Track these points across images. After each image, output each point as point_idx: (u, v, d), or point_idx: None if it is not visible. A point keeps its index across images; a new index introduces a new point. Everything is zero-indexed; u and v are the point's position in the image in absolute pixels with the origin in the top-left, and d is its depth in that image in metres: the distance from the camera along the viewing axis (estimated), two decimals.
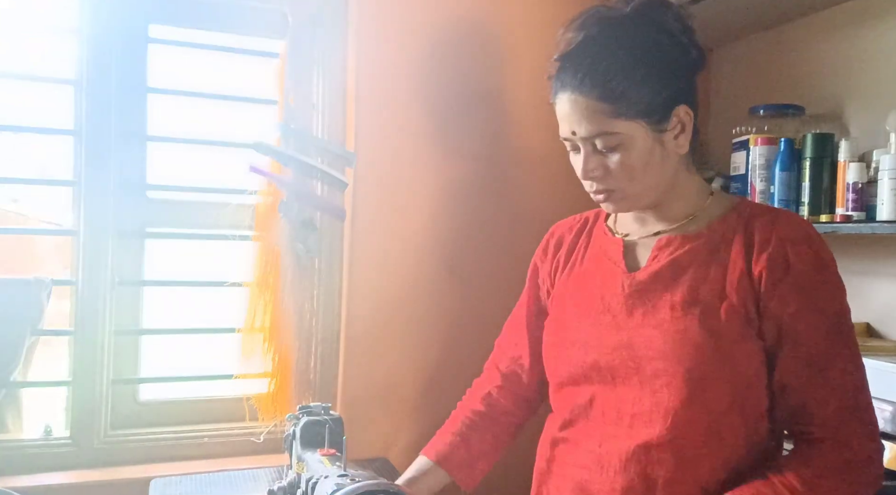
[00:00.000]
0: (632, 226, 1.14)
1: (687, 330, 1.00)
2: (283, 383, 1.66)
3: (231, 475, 1.54)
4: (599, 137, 1.02)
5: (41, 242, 1.78)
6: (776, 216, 1.03)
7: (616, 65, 1.00)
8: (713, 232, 1.05)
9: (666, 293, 1.04)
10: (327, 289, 1.75)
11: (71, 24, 1.60)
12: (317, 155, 1.67)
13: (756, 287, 1.00)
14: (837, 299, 1.00)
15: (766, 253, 1.00)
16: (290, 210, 1.63)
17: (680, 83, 1.03)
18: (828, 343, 0.98)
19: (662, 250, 1.07)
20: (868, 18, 1.61)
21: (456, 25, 1.81)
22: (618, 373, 1.05)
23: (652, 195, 1.07)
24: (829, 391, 0.98)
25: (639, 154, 1.02)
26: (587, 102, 1.01)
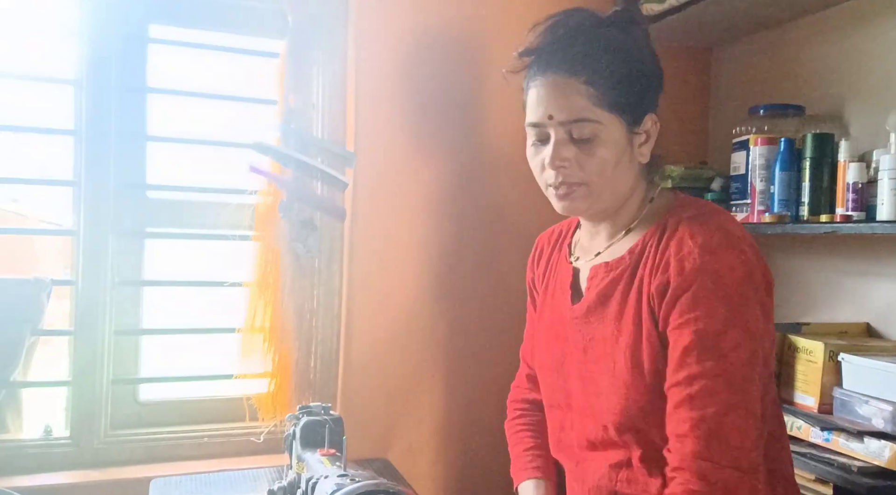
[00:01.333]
0: (584, 243, 1.16)
1: (616, 367, 1.01)
2: (283, 383, 1.66)
3: (231, 475, 1.54)
4: (577, 123, 0.99)
5: (41, 242, 1.78)
6: (678, 229, 1.00)
7: (606, 56, 0.99)
8: (633, 255, 1.04)
9: (599, 326, 1.05)
10: (327, 289, 1.75)
11: (71, 24, 1.60)
12: (317, 155, 1.67)
13: (655, 309, 0.99)
14: (717, 317, 0.93)
15: (659, 273, 0.98)
16: (290, 210, 1.63)
17: (654, 92, 1.05)
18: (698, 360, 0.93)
19: (592, 281, 1.08)
20: (868, 18, 1.61)
21: (456, 25, 1.81)
22: (577, 404, 1.10)
23: (612, 199, 1.05)
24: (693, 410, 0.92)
25: (613, 149, 1.00)
26: (573, 84, 0.98)
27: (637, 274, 1.02)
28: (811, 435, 1.36)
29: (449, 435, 1.82)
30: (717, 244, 0.96)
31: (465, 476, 1.83)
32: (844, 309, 1.65)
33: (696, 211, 1.03)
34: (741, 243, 0.98)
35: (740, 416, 0.91)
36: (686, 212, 1.03)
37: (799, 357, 1.49)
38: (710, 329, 0.93)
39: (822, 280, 1.71)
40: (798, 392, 1.48)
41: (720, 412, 0.91)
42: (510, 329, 1.86)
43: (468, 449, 1.84)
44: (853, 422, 1.34)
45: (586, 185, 1.02)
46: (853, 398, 1.36)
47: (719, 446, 0.90)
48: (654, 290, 0.98)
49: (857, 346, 1.44)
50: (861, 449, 1.27)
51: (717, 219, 1.01)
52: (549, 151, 1.01)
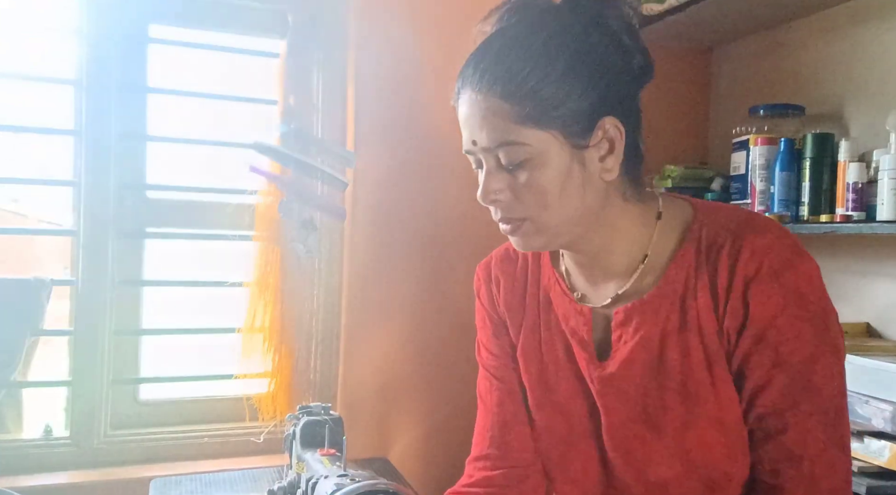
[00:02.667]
0: (579, 279, 0.93)
1: (686, 427, 0.84)
2: (283, 383, 1.66)
3: (231, 475, 1.54)
4: (502, 148, 0.81)
5: (41, 242, 1.78)
6: (737, 243, 0.82)
7: (528, 57, 0.80)
8: (673, 283, 0.85)
9: (644, 381, 0.86)
10: (327, 289, 1.75)
11: (71, 24, 1.60)
12: (317, 155, 1.67)
13: (726, 347, 0.83)
14: (804, 341, 0.80)
15: (730, 303, 0.82)
16: (290, 210, 1.63)
17: (611, 91, 0.82)
18: (786, 399, 0.80)
19: (625, 327, 0.87)
20: (868, 18, 1.61)
21: (457, 25, 1.81)
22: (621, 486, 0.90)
23: (571, 230, 0.85)
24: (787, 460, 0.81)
25: (553, 174, 0.80)
26: (488, 102, 0.80)
27: (688, 306, 0.84)
28: None
29: (448, 435, 1.82)
30: (791, 254, 0.81)
31: None
32: (844, 309, 1.65)
33: (736, 217, 0.86)
34: (803, 247, 0.84)
35: (832, 454, 0.81)
36: (724, 219, 0.85)
37: None
38: (800, 360, 0.80)
39: None
40: None
41: (815, 456, 0.80)
42: None
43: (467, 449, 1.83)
44: (853, 422, 1.33)
45: (531, 221, 0.83)
46: (853, 398, 1.36)
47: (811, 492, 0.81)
48: (731, 326, 0.82)
49: (857, 346, 1.43)
50: (861, 449, 1.27)
51: (770, 224, 0.86)
52: (480, 183, 0.85)
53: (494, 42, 0.84)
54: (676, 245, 0.86)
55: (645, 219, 0.88)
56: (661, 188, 1.85)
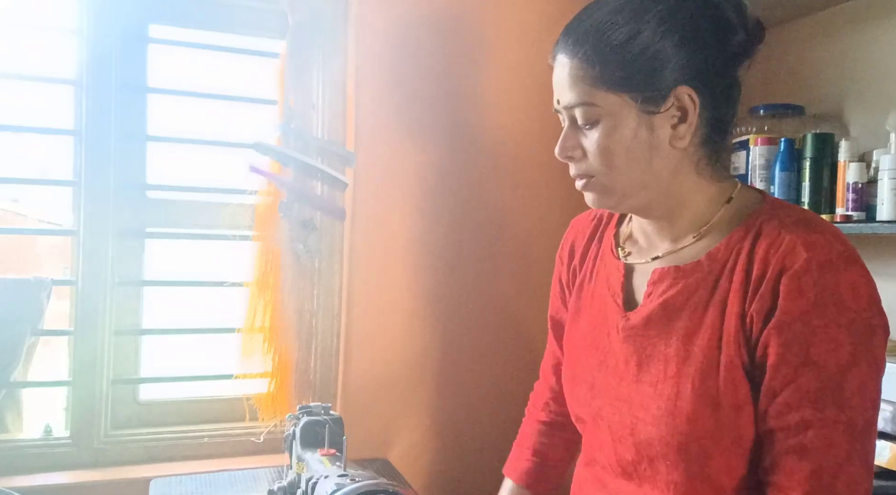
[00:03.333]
0: (636, 241, 0.99)
1: (679, 396, 0.85)
2: (283, 383, 1.66)
3: (231, 475, 1.54)
4: (579, 108, 0.86)
5: (41, 242, 1.78)
6: (783, 236, 0.82)
7: (613, 23, 0.85)
8: (713, 261, 0.87)
9: (660, 342, 0.89)
10: (327, 289, 1.75)
11: (71, 24, 1.60)
12: (317, 155, 1.67)
13: (748, 333, 0.83)
14: (841, 348, 0.78)
15: (760, 290, 0.82)
16: (290, 210, 1.63)
17: (696, 60, 0.84)
18: (813, 404, 0.79)
19: (656, 286, 0.91)
20: (868, 18, 1.61)
21: (457, 25, 1.81)
22: (617, 431, 0.93)
23: (639, 194, 0.89)
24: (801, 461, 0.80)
25: (620, 136, 0.85)
26: (571, 64, 0.86)
27: (720, 286, 0.85)
28: None
29: (449, 436, 1.82)
30: (839, 259, 0.80)
31: (464, 476, 1.83)
32: None
33: (800, 215, 0.85)
34: (860, 258, 0.83)
35: (855, 469, 0.80)
36: (786, 215, 0.85)
37: None
38: (833, 366, 0.78)
39: None
40: None
41: (835, 465, 0.79)
42: (510, 328, 1.86)
43: (468, 449, 1.84)
44: None
45: (598, 179, 0.88)
46: None
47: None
48: (756, 312, 0.82)
49: None
50: None
51: (829, 227, 0.85)
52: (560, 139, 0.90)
53: (589, 8, 0.89)
54: (733, 230, 0.88)
55: (715, 200, 0.90)
56: None
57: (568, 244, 1.11)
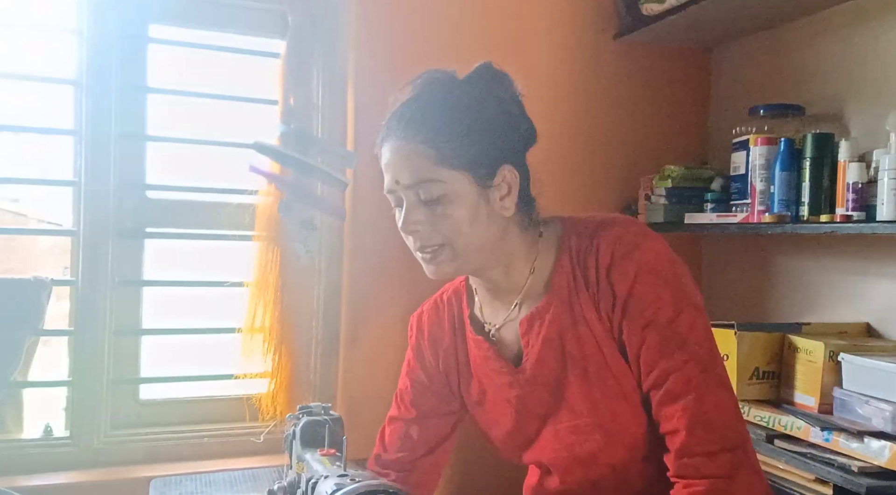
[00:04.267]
0: (491, 308, 1.11)
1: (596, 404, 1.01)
2: (283, 383, 1.66)
3: (231, 475, 1.54)
4: (423, 185, 0.98)
5: (41, 242, 1.78)
6: (597, 243, 1.01)
7: (442, 115, 0.99)
8: (558, 288, 1.03)
9: (559, 373, 1.04)
10: (327, 289, 1.75)
11: (71, 24, 1.60)
12: (317, 155, 1.67)
13: (607, 326, 1.01)
14: (665, 303, 0.97)
15: (599, 291, 1.00)
16: (290, 210, 1.63)
17: (506, 145, 1.02)
18: (662, 353, 0.96)
19: (529, 334, 1.05)
20: (868, 18, 1.61)
21: (457, 25, 1.81)
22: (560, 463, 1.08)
23: (479, 257, 1.02)
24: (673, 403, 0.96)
25: (465, 207, 0.98)
26: (410, 147, 0.98)
27: (573, 304, 1.02)
28: (811, 435, 1.35)
29: None
30: (636, 237, 0.99)
31: (464, 476, 1.83)
32: (844, 309, 1.65)
33: (594, 222, 1.04)
34: (650, 229, 1.03)
35: (716, 393, 0.96)
36: (584, 228, 1.04)
37: (799, 357, 1.49)
38: (665, 318, 0.96)
39: (822, 280, 1.71)
40: (798, 392, 1.48)
41: (699, 396, 0.94)
42: None
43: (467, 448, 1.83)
44: (853, 422, 1.34)
45: (448, 246, 1.00)
46: (853, 398, 1.36)
47: (705, 431, 0.93)
48: (605, 307, 1.00)
49: (857, 346, 1.44)
50: (861, 449, 1.27)
51: (618, 218, 1.04)
52: (401, 216, 1.02)
53: (413, 102, 1.03)
54: (555, 255, 1.05)
55: (532, 240, 1.06)
56: (646, 187, 1.86)
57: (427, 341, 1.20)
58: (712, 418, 0.94)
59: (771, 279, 1.84)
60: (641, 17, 1.84)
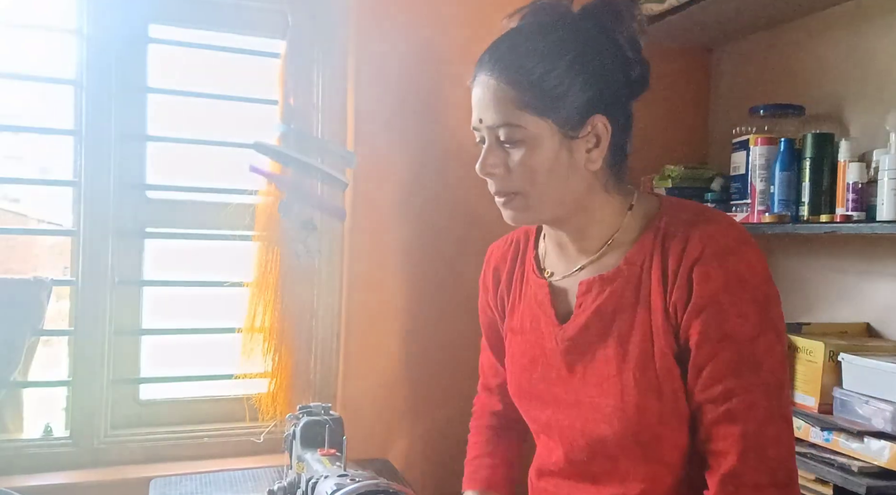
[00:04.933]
0: (554, 258, 1.06)
1: (625, 391, 0.93)
2: (283, 383, 1.66)
3: (231, 475, 1.54)
4: (503, 128, 0.93)
5: (41, 242, 1.78)
6: (689, 234, 0.92)
7: (536, 53, 0.92)
8: (631, 265, 0.96)
9: (599, 347, 0.97)
10: (327, 289, 1.75)
11: (71, 24, 1.60)
12: (317, 155, 1.67)
13: (672, 322, 0.92)
14: (749, 320, 0.89)
15: (676, 282, 0.91)
16: (290, 210, 1.63)
17: (605, 93, 0.93)
18: (733, 372, 0.89)
19: (585, 297, 0.98)
20: (868, 18, 1.61)
21: (457, 25, 1.81)
22: (568, 436, 1.01)
23: (556, 209, 0.97)
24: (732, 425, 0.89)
25: (543, 156, 0.92)
26: (497, 86, 0.93)
27: (642, 286, 0.94)
28: (811, 435, 1.35)
29: (449, 435, 1.82)
30: (734, 243, 0.91)
31: None
32: (844, 309, 1.65)
33: (694, 210, 0.97)
34: (752, 239, 0.93)
35: (778, 426, 0.89)
36: (683, 212, 0.96)
37: (799, 357, 1.49)
38: (745, 337, 0.89)
39: (822, 280, 1.71)
40: (798, 392, 1.48)
41: (762, 425, 0.88)
42: None
43: None
44: (853, 422, 1.33)
45: (521, 195, 0.95)
46: (853, 398, 1.36)
47: (758, 461, 0.88)
48: (677, 300, 0.91)
49: (857, 346, 1.44)
50: (861, 449, 1.27)
51: (721, 217, 0.96)
52: (480, 157, 0.97)
53: (512, 35, 0.96)
54: (639, 232, 0.98)
55: (619, 209, 1.00)
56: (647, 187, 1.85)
57: (491, 270, 1.17)
58: (768, 450, 0.88)
59: None
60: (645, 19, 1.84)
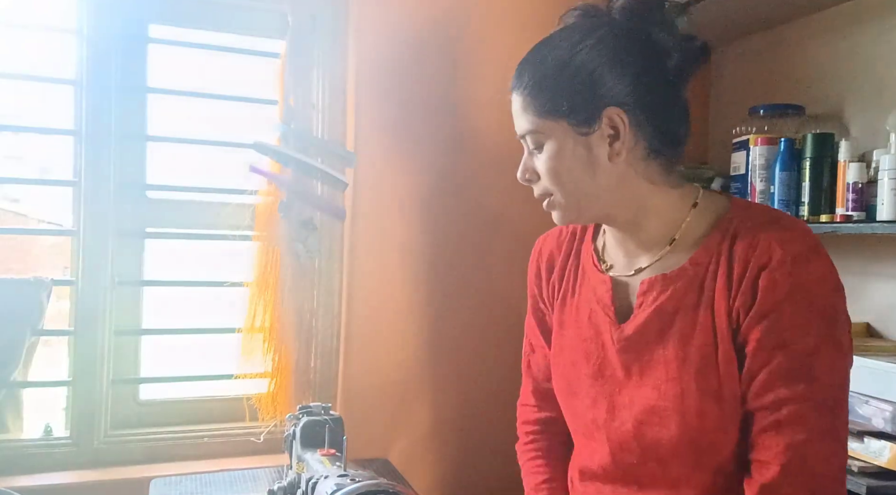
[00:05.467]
0: (614, 253, 1.04)
1: (685, 394, 0.91)
2: (283, 383, 1.66)
3: (231, 475, 1.54)
4: (528, 136, 0.97)
5: (41, 242, 1.78)
6: (758, 236, 0.90)
7: (551, 58, 0.95)
8: (696, 265, 0.93)
9: (658, 347, 0.94)
10: (327, 289, 1.75)
11: (71, 24, 1.60)
12: (317, 155, 1.67)
13: (734, 327, 0.90)
14: (811, 332, 0.86)
15: (742, 287, 0.89)
16: (290, 210, 1.63)
17: (622, 83, 0.92)
18: (786, 382, 0.86)
19: (647, 295, 0.96)
20: (868, 18, 1.61)
21: (457, 25, 1.81)
22: (616, 438, 0.98)
23: (594, 205, 0.97)
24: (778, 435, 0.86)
25: (560, 156, 0.94)
26: (521, 98, 0.97)
27: (706, 288, 0.92)
28: None
29: (449, 436, 1.82)
30: (808, 253, 0.88)
31: (464, 476, 1.83)
32: None
33: (769, 214, 0.94)
34: (825, 250, 0.90)
35: (827, 444, 0.86)
36: (757, 215, 0.93)
37: None
38: (803, 348, 0.86)
39: None
40: None
41: (808, 439, 0.85)
42: (510, 328, 1.86)
43: (468, 448, 1.84)
44: (853, 422, 1.33)
45: (555, 196, 0.97)
46: (853, 398, 1.36)
47: (801, 476, 0.85)
48: (741, 306, 0.89)
49: (857, 346, 1.43)
50: (861, 449, 1.27)
51: (798, 223, 0.93)
52: None
53: (537, 45, 0.99)
54: (706, 231, 0.95)
55: (679, 205, 0.97)
56: None
57: (544, 260, 1.15)
58: (814, 467, 0.85)
59: None
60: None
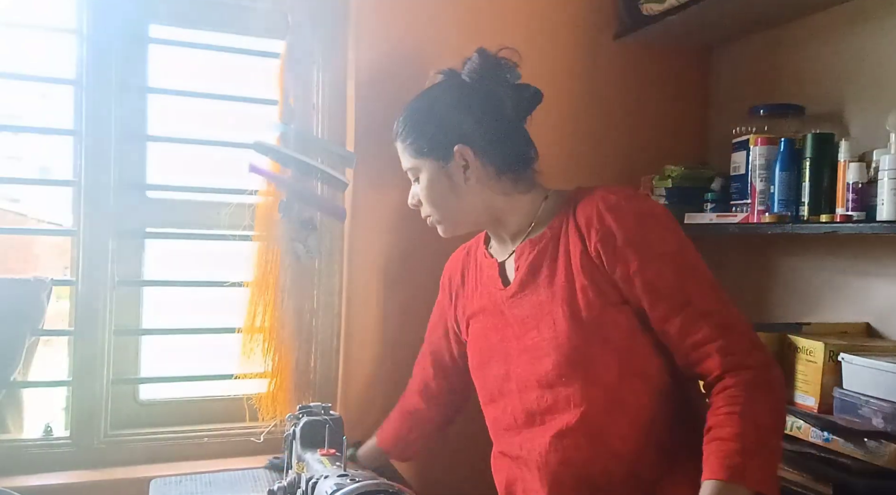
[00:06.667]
0: (497, 247, 1.33)
1: (556, 322, 1.15)
2: (283, 383, 1.66)
3: (231, 475, 1.54)
4: (409, 171, 1.30)
5: (41, 242, 1.78)
6: (593, 195, 1.17)
7: (416, 112, 1.28)
8: (553, 229, 1.20)
9: (534, 295, 1.20)
10: (327, 289, 1.75)
11: (71, 24, 1.60)
12: (317, 155, 1.67)
13: (598, 262, 1.13)
14: (669, 239, 1.12)
15: (594, 229, 1.13)
16: (290, 210, 1.63)
17: (465, 126, 1.22)
18: (679, 279, 1.10)
19: (520, 259, 1.23)
20: (868, 18, 1.61)
21: (456, 25, 1.81)
22: (522, 379, 1.20)
23: (467, 219, 1.27)
24: (701, 320, 1.08)
25: (430, 185, 1.26)
26: (399, 143, 1.30)
27: (561, 241, 1.18)
28: (811, 436, 1.36)
29: (449, 435, 1.82)
30: (636, 193, 1.19)
31: (464, 475, 1.83)
32: (844, 309, 1.65)
33: (600, 187, 1.20)
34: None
35: (731, 309, 1.10)
36: (590, 191, 1.20)
37: (799, 357, 1.49)
38: (672, 249, 1.12)
39: (822, 280, 1.71)
40: (798, 392, 1.48)
41: (721, 309, 1.09)
42: None
43: (468, 448, 1.83)
44: (853, 422, 1.34)
45: (433, 216, 1.29)
46: (853, 398, 1.36)
47: (737, 335, 1.08)
48: (598, 243, 1.12)
49: (857, 346, 1.44)
50: (861, 449, 1.27)
51: (626, 186, 1.23)
52: None
53: (410, 101, 1.32)
54: (557, 210, 1.22)
55: (531, 202, 1.26)
56: (647, 187, 1.86)
57: (447, 276, 1.47)
58: (737, 325, 1.09)
59: (771, 279, 1.84)
60: (641, 17, 1.84)
